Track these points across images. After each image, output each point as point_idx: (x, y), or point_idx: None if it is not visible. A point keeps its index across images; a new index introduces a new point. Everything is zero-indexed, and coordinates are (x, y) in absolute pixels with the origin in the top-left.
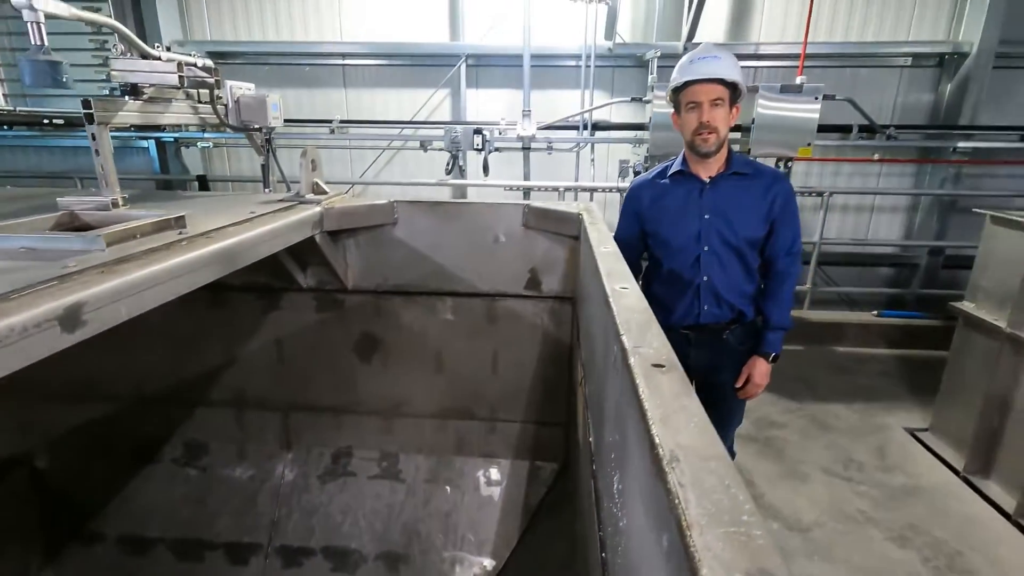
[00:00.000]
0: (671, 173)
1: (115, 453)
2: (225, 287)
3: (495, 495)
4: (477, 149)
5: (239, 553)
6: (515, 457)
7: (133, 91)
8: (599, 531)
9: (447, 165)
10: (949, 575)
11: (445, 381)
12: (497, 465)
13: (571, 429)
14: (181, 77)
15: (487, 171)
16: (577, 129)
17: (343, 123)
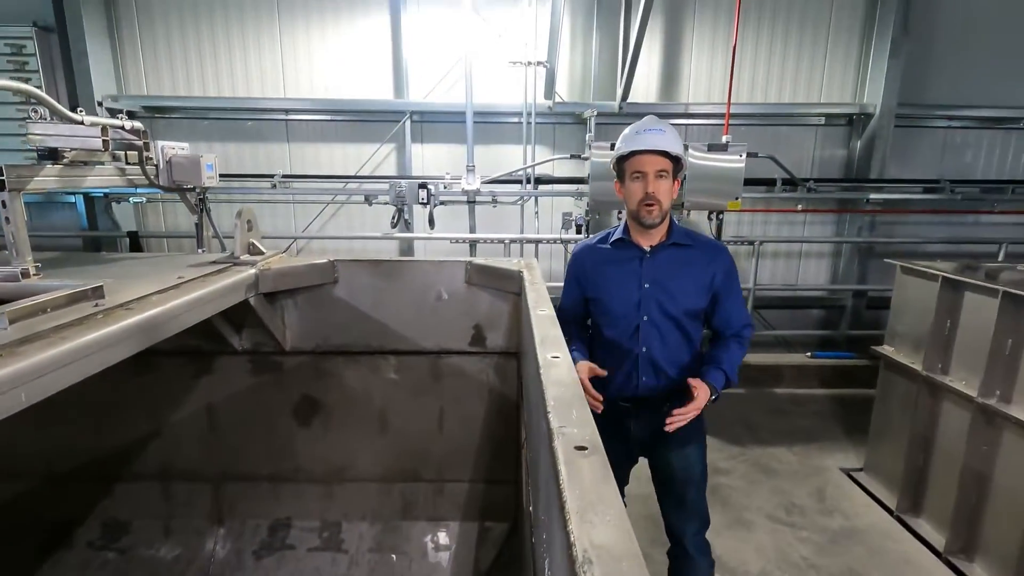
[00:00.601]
0: (613, 240)
1: (21, 541)
2: (151, 351)
3: (444, 560)
4: (423, 203)
5: None
6: (464, 519)
7: (52, 155)
8: None
9: (393, 219)
10: None
11: (390, 442)
12: (446, 528)
13: (520, 487)
14: (105, 141)
15: (433, 224)
16: (521, 183)
17: (286, 177)
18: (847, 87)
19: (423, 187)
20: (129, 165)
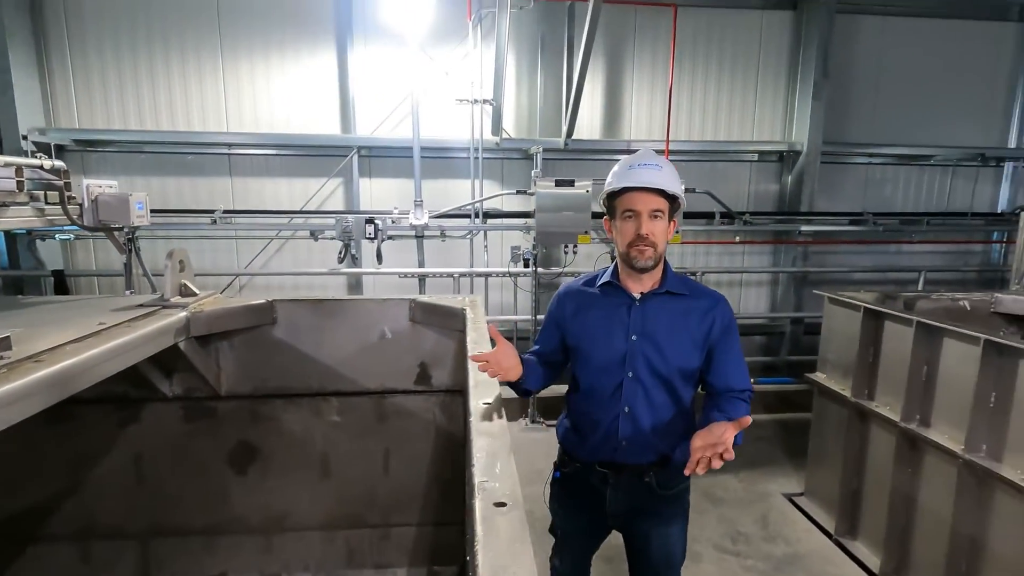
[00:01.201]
0: (600, 283)
1: None
2: (71, 399)
3: None
4: (370, 238)
5: None
6: (411, 564)
7: None
8: None
9: (340, 254)
10: None
11: (332, 487)
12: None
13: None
14: (20, 182)
15: (381, 259)
16: (470, 217)
17: (228, 212)
18: (777, 126)
19: (370, 222)
20: (49, 205)
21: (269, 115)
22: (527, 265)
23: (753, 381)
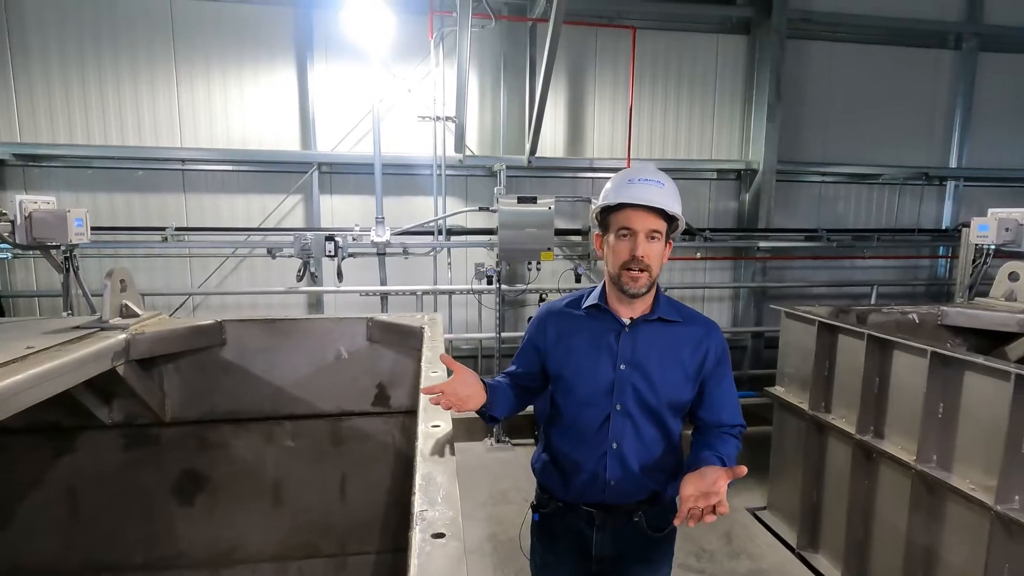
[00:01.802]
0: (586, 305)
1: None
2: None
3: None
4: (330, 256)
5: None
6: None
7: None
8: None
9: (299, 272)
10: None
11: (285, 516)
12: None
13: None
14: None
15: (341, 277)
16: (433, 234)
17: (180, 230)
18: (734, 145)
19: (330, 239)
20: None
21: (226, 130)
22: (491, 282)
23: None
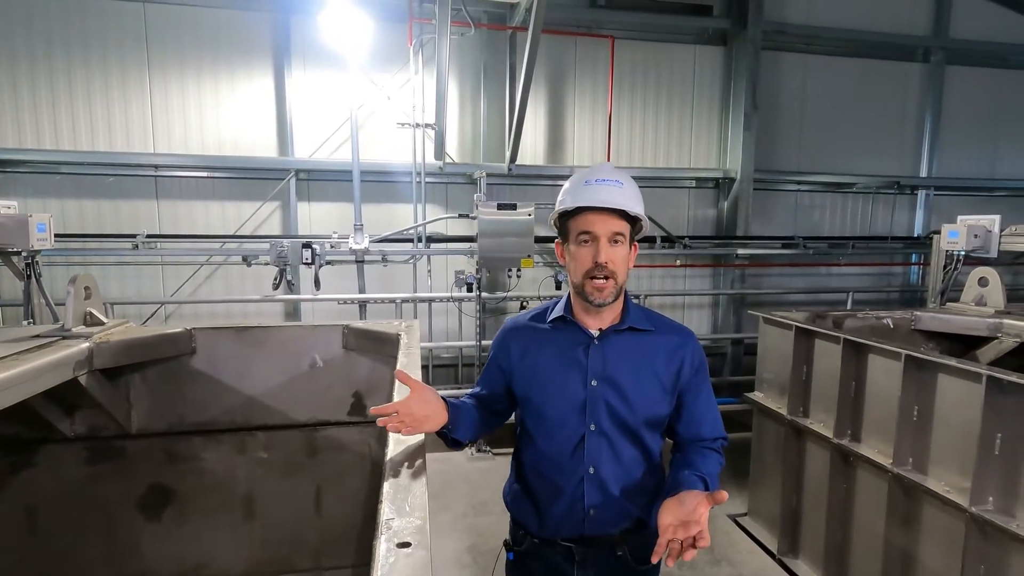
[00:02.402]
0: (552, 318)
1: None
2: None
3: None
4: (307, 263)
5: None
6: None
7: None
8: None
9: (275, 280)
10: None
11: (257, 530)
12: None
13: None
14: None
15: (319, 285)
16: (413, 241)
17: (152, 237)
18: (712, 154)
19: (307, 247)
20: None
21: (200, 136)
22: (471, 290)
23: None
